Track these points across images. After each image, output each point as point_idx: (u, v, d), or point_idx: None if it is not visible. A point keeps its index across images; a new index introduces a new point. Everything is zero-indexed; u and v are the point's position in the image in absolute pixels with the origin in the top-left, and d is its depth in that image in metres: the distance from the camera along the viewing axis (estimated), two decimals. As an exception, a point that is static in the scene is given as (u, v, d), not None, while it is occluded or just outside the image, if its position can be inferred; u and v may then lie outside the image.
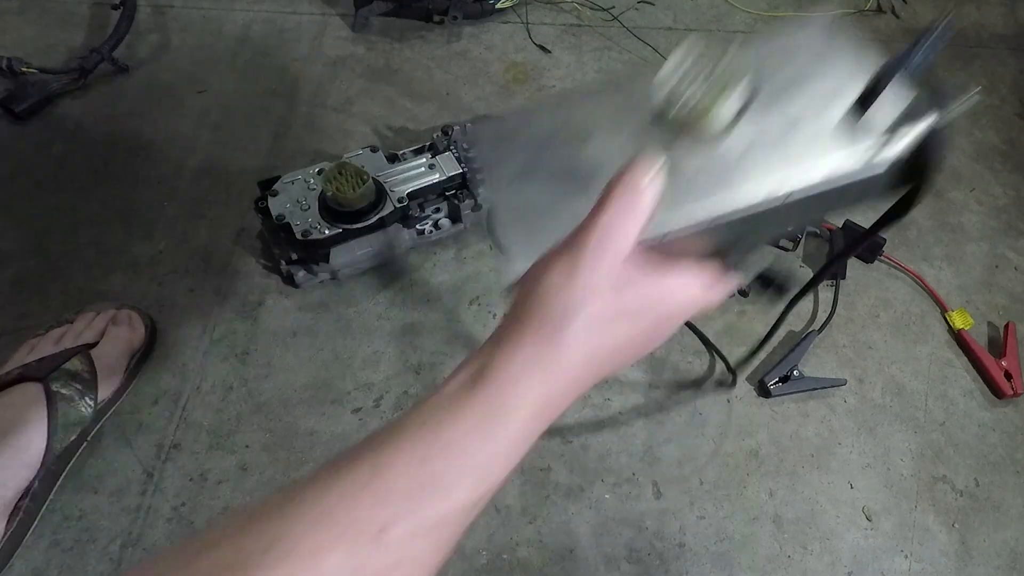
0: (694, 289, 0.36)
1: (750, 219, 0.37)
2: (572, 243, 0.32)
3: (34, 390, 0.62)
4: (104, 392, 0.67)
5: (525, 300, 0.32)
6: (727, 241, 0.39)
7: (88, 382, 0.65)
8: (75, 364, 0.65)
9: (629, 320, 0.33)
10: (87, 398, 0.64)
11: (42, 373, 0.63)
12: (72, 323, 0.71)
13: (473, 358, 0.32)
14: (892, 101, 0.37)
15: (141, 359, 0.71)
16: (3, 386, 0.63)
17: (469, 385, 0.31)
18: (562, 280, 0.32)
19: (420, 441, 0.30)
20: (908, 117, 0.37)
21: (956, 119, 0.36)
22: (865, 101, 0.37)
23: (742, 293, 0.81)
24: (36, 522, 0.62)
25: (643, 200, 0.33)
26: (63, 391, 0.63)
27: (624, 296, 0.33)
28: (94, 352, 0.67)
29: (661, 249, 0.36)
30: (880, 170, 0.37)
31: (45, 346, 0.68)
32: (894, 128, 0.37)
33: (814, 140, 0.38)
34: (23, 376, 0.63)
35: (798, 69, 0.40)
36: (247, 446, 0.68)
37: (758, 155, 0.38)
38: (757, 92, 0.39)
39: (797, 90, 0.40)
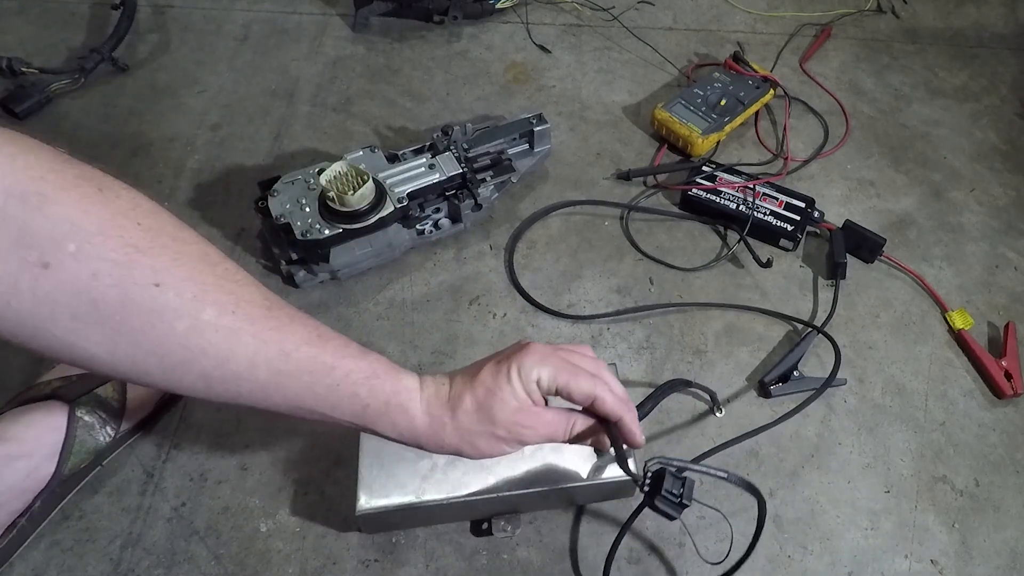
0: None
1: (536, 495, 0.60)
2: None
3: (57, 414, 0.61)
4: (128, 423, 0.65)
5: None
6: (513, 504, 0.62)
7: (114, 411, 0.64)
8: (107, 390, 0.64)
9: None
10: (108, 427, 0.63)
11: (72, 395, 0.62)
12: None
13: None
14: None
15: (171, 400, 0.69)
16: (33, 399, 0.61)
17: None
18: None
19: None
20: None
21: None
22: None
23: (765, 264, 0.82)
24: (30, 539, 0.61)
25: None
26: (86, 418, 0.62)
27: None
28: None
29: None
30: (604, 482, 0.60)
31: None
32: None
33: (578, 457, 0.61)
34: (54, 394, 0.62)
35: None
36: (247, 446, 0.68)
37: (547, 458, 0.61)
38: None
39: None
